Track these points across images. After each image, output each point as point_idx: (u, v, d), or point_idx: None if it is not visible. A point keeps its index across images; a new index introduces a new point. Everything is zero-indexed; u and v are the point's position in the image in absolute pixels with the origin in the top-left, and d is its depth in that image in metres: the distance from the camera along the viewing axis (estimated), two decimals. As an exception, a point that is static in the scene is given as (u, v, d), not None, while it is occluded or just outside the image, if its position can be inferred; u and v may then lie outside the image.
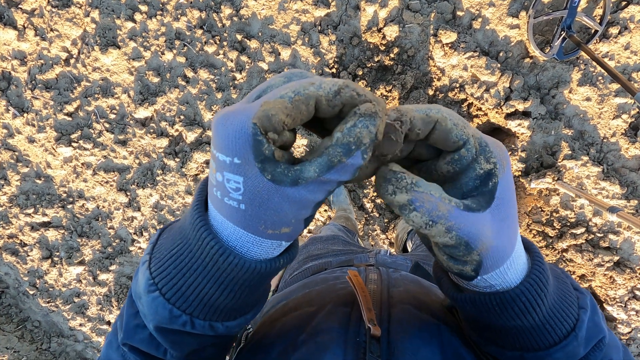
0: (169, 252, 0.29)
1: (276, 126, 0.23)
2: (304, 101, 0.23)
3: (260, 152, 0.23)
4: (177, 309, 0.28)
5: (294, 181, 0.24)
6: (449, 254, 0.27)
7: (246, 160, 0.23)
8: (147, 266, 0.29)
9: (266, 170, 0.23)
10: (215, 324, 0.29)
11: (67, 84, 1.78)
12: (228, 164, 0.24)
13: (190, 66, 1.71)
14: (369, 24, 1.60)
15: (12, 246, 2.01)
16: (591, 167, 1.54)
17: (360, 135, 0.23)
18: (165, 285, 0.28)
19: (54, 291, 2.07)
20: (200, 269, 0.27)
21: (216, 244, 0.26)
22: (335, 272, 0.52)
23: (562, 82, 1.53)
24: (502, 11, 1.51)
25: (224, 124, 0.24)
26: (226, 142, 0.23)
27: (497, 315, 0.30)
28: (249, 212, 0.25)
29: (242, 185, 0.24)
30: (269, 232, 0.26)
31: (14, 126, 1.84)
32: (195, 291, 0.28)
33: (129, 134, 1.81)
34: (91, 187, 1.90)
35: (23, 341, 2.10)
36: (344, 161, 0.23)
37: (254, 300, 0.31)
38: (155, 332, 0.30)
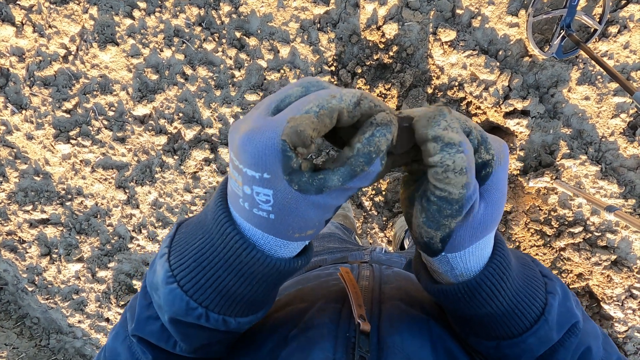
0: (189, 246, 0.30)
1: (305, 141, 0.24)
2: (328, 115, 0.24)
3: (289, 166, 0.24)
4: (194, 301, 0.29)
5: (318, 189, 0.25)
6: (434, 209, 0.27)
7: (275, 174, 0.25)
8: (166, 258, 0.30)
9: (293, 182, 0.25)
10: (228, 319, 0.30)
11: (65, 80, 1.78)
12: (258, 179, 0.25)
13: (189, 63, 1.71)
14: (368, 22, 1.60)
15: (11, 243, 2.01)
16: (589, 166, 1.54)
17: (379, 144, 0.25)
18: (184, 277, 0.29)
19: (52, 288, 2.07)
20: (222, 262, 0.28)
21: (240, 239, 0.28)
22: (329, 269, 0.52)
23: (561, 81, 1.53)
24: (502, 9, 1.50)
25: (251, 141, 0.25)
26: (256, 159, 0.25)
27: (467, 304, 0.31)
28: (278, 220, 0.26)
29: (272, 197, 0.25)
30: (296, 236, 0.28)
31: (13, 123, 1.84)
32: (213, 284, 0.29)
33: (128, 131, 1.81)
34: (90, 184, 1.90)
35: (22, 338, 2.11)
36: (366, 170, 0.25)
37: (268, 297, 0.33)
38: (169, 324, 0.30)
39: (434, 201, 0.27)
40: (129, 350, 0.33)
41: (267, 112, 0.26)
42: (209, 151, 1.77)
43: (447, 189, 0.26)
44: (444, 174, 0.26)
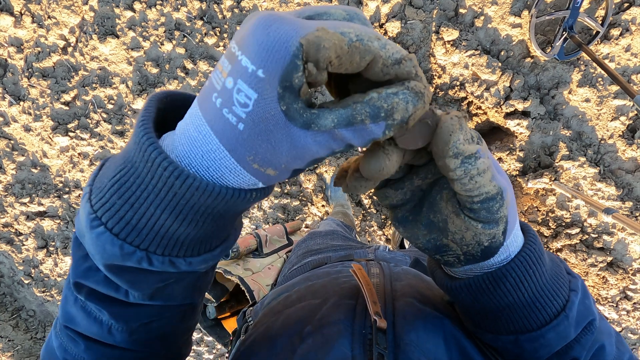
0: (110, 180, 0.24)
1: (321, 60, 0.20)
2: (362, 51, 0.21)
3: (290, 77, 0.20)
4: (129, 244, 0.24)
5: (306, 124, 0.21)
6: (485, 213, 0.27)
7: (271, 78, 0.20)
8: (87, 198, 0.25)
9: (284, 100, 0.21)
10: (176, 260, 0.26)
11: (64, 72, 1.76)
12: (249, 73, 0.20)
13: (190, 57, 1.70)
14: (371, 20, 1.59)
15: (7, 235, 2.00)
16: (588, 168, 1.55)
17: (396, 106, 0.21)
18: (111, 218, 0.24)
19: (49, 281, 2.06)
20: (152, 196, 0.23)
21: (170, 165, 0.22)
22: (337, 266, 0.52)
23: (562, 82, 1.53)
24: (505, 10, 1.50)
25: (267, 27, 0.20)
26: (259, 49, 0.20)
27: (490, 294, 0.30)
28: (245, 135, 0.22)
29: (252, 103, 0.21)
30: (254, 167, 0.23)
31: (10, 114, 1.82)
32: (148, 223, 0.24)
33: (127, 125, 1.80)
34: (88, 177, 1.89)
35: (17, 330, 2.10)
36: (366, 123, 0.21)
37: (219, 233, 0.28)
38: (108, 272, 0.26)
39: (479, 207, 0.26)
40: (84, 310, 0.29)
41: (300, 15, 0.22)
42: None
43: (483, 190, 0.26)
44: (473, 181, 0.25)
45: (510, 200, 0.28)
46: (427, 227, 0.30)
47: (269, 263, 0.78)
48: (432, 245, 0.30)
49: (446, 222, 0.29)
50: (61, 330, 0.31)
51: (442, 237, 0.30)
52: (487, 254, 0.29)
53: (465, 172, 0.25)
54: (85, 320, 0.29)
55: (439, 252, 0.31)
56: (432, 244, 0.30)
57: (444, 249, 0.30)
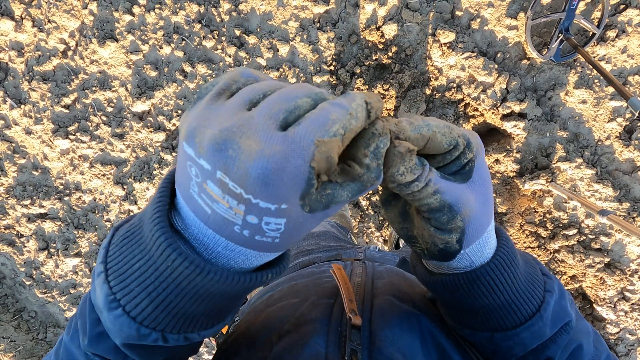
0: (129, 267, 0.25)
1: (331, 167, 0.23)
2: (349, 137, 0.23)
3: (309, 192, 0.22)
4: (146, 327, 0.26)
5: (326, 206, 0.24)
6: (435, 222, 0.29)
7: (293, 203, 0.22)
8: (104, 279, 0.26)
9: (305, 204, 0.23)
10: (190, 335, 0.28)
11: (64, 76, 1.78)
12: (273, 211, 0.22)
13: (188, 61, 1.71)
14: (367, 22, 1.60)
15: (9, 237, 2.01)
16: (585, 169, 1.55)
17: (382, 154, 0.24)
18: (129, 302, 0.25)
19: (50, 282, 2.08)
20: (172, 287, 0.25)
21: (190, 264, 0.24)
22: (323, 266, 0.53)
23: (559, 84, 1.54)
24: (501, 12, 1.51)
25: (274, 173, 0.21)
26: (277, 191, 0.21)
27: (465, 294, 0.32)
28: (282, 243, 0.25)
29: (283, 225, 0.23)
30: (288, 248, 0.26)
31: (11, 117, 1.84)
32: (166, 309, 0.25)
33: (126, 128, 1.81)
34: (88, 179, 1.91)
35: (19, 331, 2.12)
36: (377, 183, 0.24)
37: (234, 306, 0.30)
38: (124, 348, 0.27)
39: (427, 215, 0.29)
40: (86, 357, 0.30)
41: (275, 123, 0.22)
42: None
43: (423, 203, 0.28)
44: (410, 196, 0.28)
45: (472, 214, 0.29)
46: (402, 216, 0.33)
47: None
48: (403, 233, 0.33)
49: (414, 217, 0.32)
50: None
51: (411, 228, 0.32)
52: (444, 256, 0.30)
53: (401, 192, 0.28)
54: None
55: (409, 240, 0.33)
56: (404, 232, 0.33)
57: (413, 239, 0.32)
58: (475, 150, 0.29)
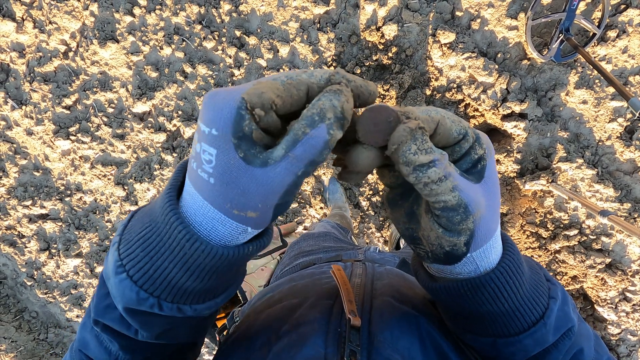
0: (137, 235, 0.29)
1: (265, 103, 0.23)
2: (295, 85, 0.24)
3: (240, 127, 0.23)
4: (145, 291, 0.28)
5: (263, 162, 0.24)
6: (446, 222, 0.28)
7: (224, 133, 0.24)
8: (116, 247, 0.29)
9: (240, 148, 0.24)
10: (183, 307, 0.30)
11: (65, 77, 1.78)
12: (206, 135, 0.24)
13: (189, 61, 1.72)
14: (367, 23, 1.60)
15: (10, 237, 2.02)
16: (586, 169, 1.55)
17: (323, 108, 0.23)
18: (133, 267, 0.28)
19: (51, 282, 2.09)
20: (167, 253, 0.27)
21: (184, 229, 0.26)
22: (323, 267, 0.53)
23: (559, 84, 1.53)
24: (501, 12, 1.51)
25: (213, 95, 0.25)
26: (210, 113, 0.24)
27: (469, 300, 0.31)
28: (217, 187, 0.25)
29: (214, 158, 0.24)
30: (235, 213, 0.26)
31: (13, 118, 1.85)
32: (162, 275, 0.28)
33: (127, 128, 1.82)
34: (89, 180, 1.91)
35: (20, 331, 2.12)
36: (308, 132, 0.23)
37: (224, 284, 0.31)
38: (124, 313, 0.30)
39: (440, 214, 0.27)
40: (97, 339, 0.33)
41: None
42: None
43: (440, 199, 0.26)
44: (427, 188, 0.26)
45: (482, 217, 0.28)
46: (408, 216, 0.32)
47: (262, 264, 0.79)
48: (408, 234, 0.32)
49: (420, 217, 0.31)
50: (76, 353, 0.35)
51: (417, 229, 0.31)
52: (450, 259, 0.30)
53: (417, 179, 0.26)
54: (97, 348, 0.33)
55: (413, 242, 0.32)
56: (409, 233, 0.32)
57: (417, 241, 0.32)
58: (485, 147, 0.28)
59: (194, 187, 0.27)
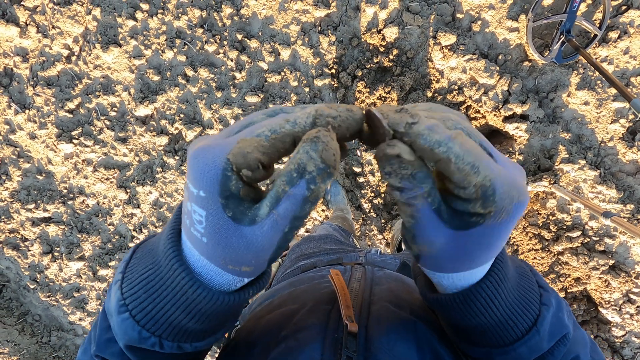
0: (140, 276, 0.29)
1: (251, 164, 0.23)
2: (280, 139, 0.24)
3: (227, 188, 0.23)
4: (147, 331, 0.29)
5: (251, 220, 0.24)
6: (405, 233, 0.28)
7: (211, 194, 0.24)
8: (119, 286, 0.30)
9: (228, 207, 0.24)
10: (183, 345, 0.30)
11: (68, 81, 1.80)
12: (195, 196, 0.24)
13: (191, 65, 1.72)
14: (368, 25, 1.61)
15: (13, 241, 2.03)
16: (588, 171, 1.54)
17: (300, 163, 0.22)
18: (136, 307, 0.29)
19: (54, 286, 2.09)
20: (170, 297, 0.28)
21: (186, 275, 0.27)
22: (323, 270, 0.53)
23: (561, 85, 1.53)
24: (502, 14, 1.51)
25: (197, 156, 0.24)
26: (196, 174, 0.24)
27: (461, 313, 0.31)
28: (210, 246, 0.26)
29: (204, 219, 0.25)
30: (230, 267, 0.26)
31: (16, 122, 1.86)
32: (164, 316, 0.28)
33: (130, 132, 1.82)
34: (91, 183, 1.92)
35: (23, 334, 2.13)
36: (287, 190, 0.23)
37: (223, 324, 0.32)
38: (125, 350, 0.30)
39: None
40: None
41: (229, 134, 0.26)
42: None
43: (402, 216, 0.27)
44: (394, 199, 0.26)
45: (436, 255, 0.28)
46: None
47: None
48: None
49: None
50: None
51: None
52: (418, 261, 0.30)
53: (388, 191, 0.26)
54: None
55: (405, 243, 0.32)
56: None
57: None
58: (493, 212, 0.24)
59: (189, 242, 0.27)
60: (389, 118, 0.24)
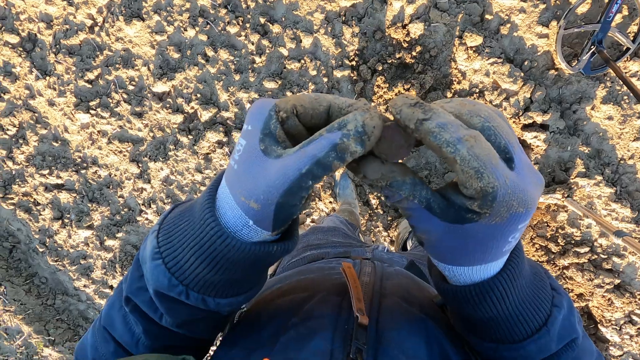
0: (176, 227, 0.32)
1: (289, 108, 0.28)
2: (319, 101, 0.28)
3: (267, 125, 0.27)
4: (176, 279, 0.31)
5: (278, 155, 0.27)
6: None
7: (255, 128, 0.28)
8: (155, 235, 0.32)
9: (263, 142, 0.27)
10: (207, 299, 0.32)
11: (89, 51, 1.81)
12: (244, 130, 0.29)
13: (211, 45, 1.72)
14: (394, 19, 1.58)
15: (26, 204, 2.08)
16: (604, 187, 1.51)
17: (346, 120, 0.25)
18: (169, 255, 0.31)
19: (62, 251, 2.15)
20: (198, 247, 0.30)
21: (216, 226, 0.29)
22: (332, 262, 0.54)
23: (585, 97, 1.49)
24: (533, 19, 1.47)
25: (257, 103, 0.29)
26: (251, 114, 0.29)
27: (474, 305, 0.31)
28: (237, 172, 0.28)
29: (242, 147, 0.28)
30: (241, 199, 0.28)
31: (36, 88, 1.88)
32: (192, 266, 0.30)
33: (146, 107, 1.84)
34: (105, 155, 1.94)
35: (30, 295, 2.20)
36: (323, 134, 0.26)
37: (246, 283, 0.34)
38: (154, 296, 0.32)
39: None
40: (124, 319, 0.35)
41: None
42: (223, 134, 1.79)
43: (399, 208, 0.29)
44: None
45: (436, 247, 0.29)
46: None
47: None
48: None
49: None
50: (99, 330, 0.37)
51: None
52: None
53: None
54: (122, 328, 0.36)
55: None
56: None
57: None
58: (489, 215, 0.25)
59: (225, 177, 0.30)
60: (401, 113, 0.26)
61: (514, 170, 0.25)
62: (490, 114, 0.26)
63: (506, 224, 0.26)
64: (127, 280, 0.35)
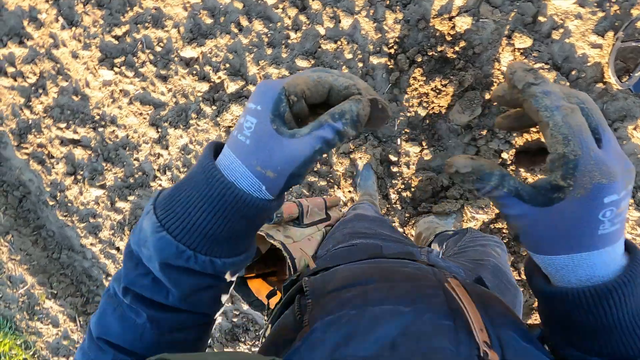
0: (175, 198, 0.33)
1: (298, 92, 0.31)
2: (322, 84, 0.32)
3: (277, 107, 0.31)
4: (183, 244, 0.32)
5: (291, 135, 0.31)
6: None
7: (265, 109, 0.31)
8: (152, 213, 0.33)
9: (274, 122, 0.31)
10: (215, 260, 0.33)
11: (120, 5, 1.74)
12: (252, 109, 0.32)
13: (246, 14, 1.65)
14: (441, 10, 1.50)
15: (40, 155, 2.05)
16: (633, 211, 1.47)
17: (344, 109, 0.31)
18: (173, 224, 0.32)
19: (72, 207, 2.14)
20: (207, 205, 0.31)
21: (225, 181, 0.31)
22: (408, 265, 0.48)
23: (630, 116, 1.44)
24: (588, 26, 1.39)
25: (263, 83, 0.32)
26: (258, 93, 0.32)
27: (586, 311, 0.28)
28: (250, 147, 0.31)
29: (254, 125, 0.31)
30: (257, 169, 0.31)
31: (61, 38, 1.82)
32: (199, 227, 0.32)
33: (172, 71, 1.78)
34: (125, 115, 1.90)
35: (36, 246, 2.20)
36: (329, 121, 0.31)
37: (245, 240, 0.36)
38: (160, 270, 0.33)
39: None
40: (121, 318, 0.35)
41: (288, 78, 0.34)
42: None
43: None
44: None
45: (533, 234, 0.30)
46: None
47: (309, 234, 0.76)
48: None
49: None
50: (90, 346, 0.36)
51: None
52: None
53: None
54: (120, 328, 0.35)
55: None
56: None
57: None
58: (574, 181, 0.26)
59: (229, 148, 0.32)
60: (515, 74, 0.29)
61: (601, 149, 0.27)
62: (588, 98, 0.29)
63: (591, 196, 0.26)
64: (120, 277, 0.36)
